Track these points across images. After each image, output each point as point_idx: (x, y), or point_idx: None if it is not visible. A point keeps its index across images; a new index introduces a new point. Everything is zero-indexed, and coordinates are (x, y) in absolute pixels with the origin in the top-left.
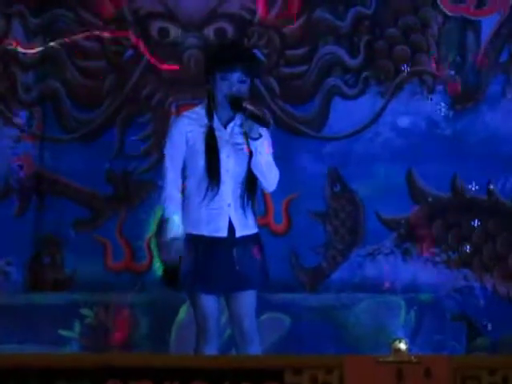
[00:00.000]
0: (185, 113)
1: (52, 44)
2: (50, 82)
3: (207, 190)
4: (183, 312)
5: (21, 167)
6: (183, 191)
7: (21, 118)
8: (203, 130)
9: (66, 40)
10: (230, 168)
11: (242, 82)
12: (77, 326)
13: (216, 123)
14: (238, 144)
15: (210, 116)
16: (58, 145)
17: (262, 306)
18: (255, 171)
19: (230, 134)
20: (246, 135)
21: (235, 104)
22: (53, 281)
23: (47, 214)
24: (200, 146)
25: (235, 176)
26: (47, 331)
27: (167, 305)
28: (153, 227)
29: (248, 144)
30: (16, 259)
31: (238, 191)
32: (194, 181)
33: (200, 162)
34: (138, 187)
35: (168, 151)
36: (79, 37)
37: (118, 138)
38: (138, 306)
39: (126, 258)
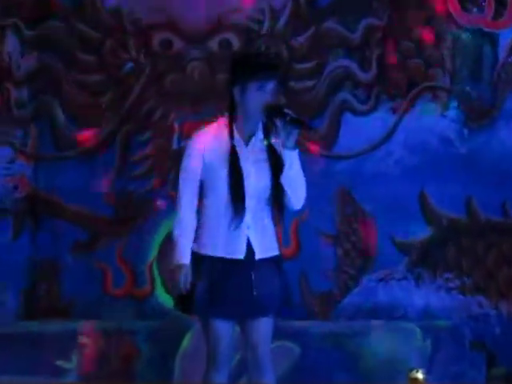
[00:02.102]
0: (202, 129)
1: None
2: (46, 98)
3: (223, 221)
4: (188, 340)
5: (15, 188)
6: (201, 210)
7: (15, 137)
8: (222, 147)
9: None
10: (251, 187)
11: (275, 91)
12: (75, 356)
13: (236, 139)
14: (260, 160)
15: (232, 133)
16: (56, 164)
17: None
18: (286, 186)
19: (251, 150)
20: (271, 148)
21: (275, 112)
22: (50, 308)
23: (43, 237)
24: (219, 166)
25: (256, 195)
26: (44, 362)
27: (171, 332)
28: (155, 250)
29: (272, 158)
30: (11, 286)
31: (259, 211)
32: (214, 201)
33: (219, 182)
34: (139, 209)
35: (183, 172)
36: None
37: (117, 156)
38: (139, 334)
39: (127, 284)
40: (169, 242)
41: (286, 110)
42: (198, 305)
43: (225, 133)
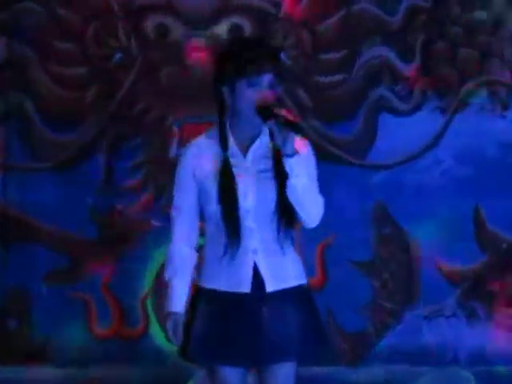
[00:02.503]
0: (196, 139)
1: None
2: (16, 95)
3: (225, 247)
4: None
5: None
6: (204, 236)
7: None
8: (216, 160)
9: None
10: (252, 206)
11: (271, 87)
12: None
13: (232, 149)
14: (263, 171)
15: (224, 143)
16: (27, 175)
17: None
18: (291, 199)
19: (251, 161)
20: (276, 157)
21: (266, 113)
22: (21, 351)
23: (12, 264)
24: (212, 184)
25: (261, 214)
26: None
27: (168, 381)
28: (149, 281)
29: (278, 166)
30: None
31: (269, 232)
32: (210, 226)
33: (212, 205)
34: (129, 229)
35: (175, 198)
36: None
37: (103, 166)
38: (131, 383)
39: (115, 322)
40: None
41: (277, 111)
42: (193, 348)
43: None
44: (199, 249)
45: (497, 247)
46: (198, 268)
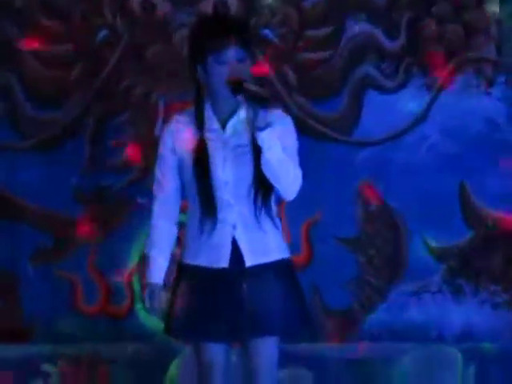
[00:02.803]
0: (175, 116)
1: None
2: (1, 73)
3: (201, 223)
4: (175, 367)
5: None
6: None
7: None
8: (194, 137)
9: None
10: (230, 178)
11: (240, 60)
12: None
13: (212, 125)
14: (241, 146)
15: (200, 121)
16: (11, 154)
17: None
18: (267, 173)
19: (230, 136)
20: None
21: (236, 88)
22: (7, 329)
23: None
24: (189, 161)
25: (239, 187)
26: None
27: (154, 359)
28: (135, 258)
29: (254, 141)
30: None
31: (248, 206)
32: (190, 202)
33: (189, 180)
34: (115, 207)
35: (157, 173)
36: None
37: (88, 144)
38: (116, 361)
39: (101, 300)
40: None
41: (245, 85)
42: (175, 325)
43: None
44: (182, 226)
45: (483, 224)
46: (182, 245)
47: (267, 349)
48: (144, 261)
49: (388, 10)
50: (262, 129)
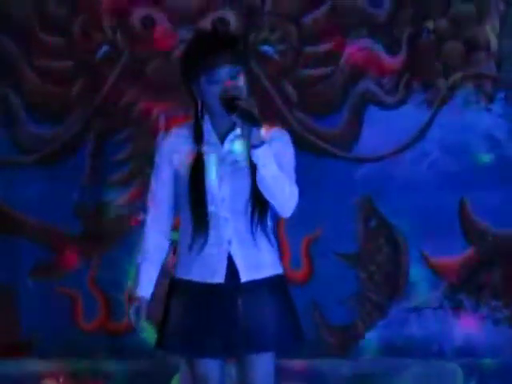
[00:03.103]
0: (173, 130)
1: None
2: (0, 88)
3: (193, 238)
4: (175, 383)
5: None
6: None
7: None
8: (192, 151)
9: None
10: (227, 194)
11: (233, 77)
12: None
13: (211, 140)
14: (238, 161)
15: (198, 137)
16: (12, 169)
17: (277, 376)
18: (262, 190)
19: (228, 151)
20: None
21: (229, 106)
22: (6, 345)
23: None
24: (185, 175)
25: (236, 203)
26: None
27: (154, 375)
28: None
29: (250, 158)
30: None
31: (244, 221)
32: (185, 216)
33: (184, 194)
34: (116, 223)
35: (152, 183)
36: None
37: (89, 159)
38: (116, 377)
39: (101, 316)
40: None
41: (237, 102)
42: (169, 339)
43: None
44: (174, 243)
45: (483, 240)
46: (176, 259)
47: (263, 364)
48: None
49: (388, 26)
50: (256, 146)
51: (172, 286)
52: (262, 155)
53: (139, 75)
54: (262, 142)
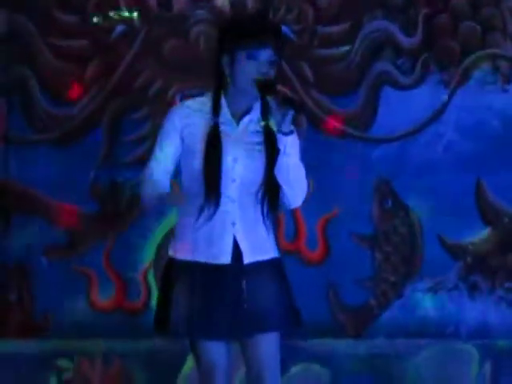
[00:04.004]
0: (186, 102)
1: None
2: (17, 68)
3: (201, 208)
4: (191, 362)
5: None
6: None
7: None
8: (206, 125)
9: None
10: (238, 176)
11: (271, 62)
12: (53, 382)
13: (225, 117)
14: (253, 143)
15: (216, 109)
16: (27, 148)
17: (292, 356)
18: (279, 178)
19: (243, 131)
20: (269, 132)
21: (266, 88)
22: (21, 324)
23: (13, 237)
24: (199, 148)
25: (246, 186)
26: None
27: (170, 353)
28: (151, 254)
29: (269, 142)
30: None
31: (249, 205)
32: (191, 191)
33: (197, 166)
34: (131, 203)
35: (157, 146)
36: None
37: (105, 139)
38: (132, 356)
39: (117, 295)
40: (167, 244)
41: (278, 87)
42: (173, 323)
43: (211, 108)
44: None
45: (499, 221)
46: (173, 240)
47: (268, 345)
48: (159, 255)
49: (405, 7)
50: (287, 133)
51: (172, 267)
52: (289, 143)
53: (155, 55)
54: (292, 131)
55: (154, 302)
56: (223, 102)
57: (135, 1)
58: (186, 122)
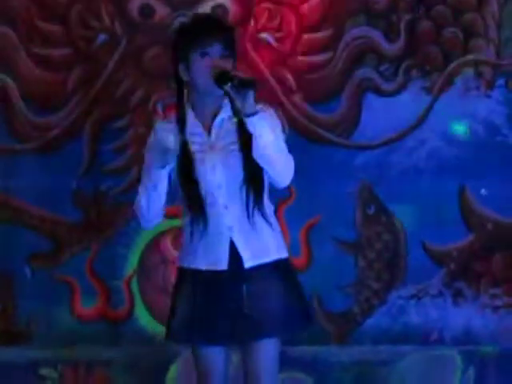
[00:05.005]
0: (160, 123)
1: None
2: None
3: (192, 227)
4: (174, 371)
5: None
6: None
7: None
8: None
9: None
10: (222, 181)
11: (223, 56)
12: None
13: (196, 129)
14: (228, 144)
15: (182, 124)
16: (10, 157)
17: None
18: (259, 161)
19: (216, 138)
20: (241, 126)
21: (222, 78)
22: (4, 332)
23: None
24: (175, 166)
25: (232, 188)
26: None
27: (154, 362)
28: (133, 262)
29: (243, 136)
30: None
31: (241, 206)
32: (184, 206)
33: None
34: (114, 212)
35: (143, 171)
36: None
37: (87, 148)
38: (115, 365)
39: (100, 303)
40: (152, 252)
41: (232, 73)
42: (174, 329)
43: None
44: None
45: (483, 227)
46: (180, 248)
47: (267, 350)
48: (142, 263)
49: (387, 13)
50: (251, 114)
51: (178, 275)
52: (257, 123)
53: (137, 63)
54: (256, 111)
55: (137, 310)
56: (190, 114)
57: (116, 9)
58: (162, 142)
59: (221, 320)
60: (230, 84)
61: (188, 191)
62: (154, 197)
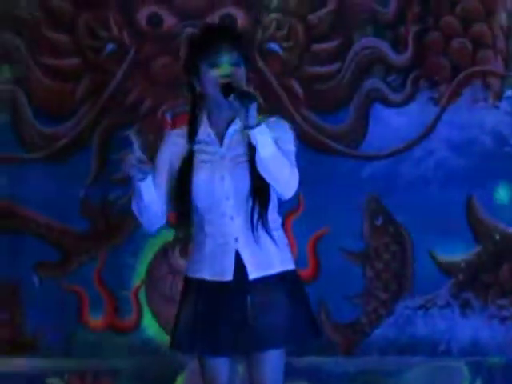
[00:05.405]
0: (175, 130)
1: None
2: (7, 86)
3: (198, 237)
4: (181, 381)
5: None
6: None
7: None
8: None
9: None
10: (230, 192)
11: (233, 64)
12: None
13: (209, 137)
14: (238, 156)
15: (190, 135)
16: (18, 166)
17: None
18: (262, 171)
19: (227, 148)
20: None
21: (226, 89)
22: (11, 342)
23: (3, 255)
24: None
25: (240, 200)
26: None
27: (161, 373)
28: (141, 272)
29: (251, 149)
30: None
31: (248, 218)
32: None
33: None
34: (122, 221)
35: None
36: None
37: (95, 157)
38: (122, 375)
39: (108, 314)
40: (160, 262)
41: (235, 84)
42: (177, 338)
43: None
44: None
45: (490, 237)
46: (188, 258)
47: (271, 361)
48: (150, 274)
49: (395, 24)
50: (253, 126)
51: (184, 284)
52: (260, 135)
53: (146, 73)
54: (259, 123)
55: (144, 320)
56: (205, 122)
57: (125, 18)
58: (172, 151)
59: (224, 330)
60: (232, 95)
61: (179, 202)
62: (141, 207)
